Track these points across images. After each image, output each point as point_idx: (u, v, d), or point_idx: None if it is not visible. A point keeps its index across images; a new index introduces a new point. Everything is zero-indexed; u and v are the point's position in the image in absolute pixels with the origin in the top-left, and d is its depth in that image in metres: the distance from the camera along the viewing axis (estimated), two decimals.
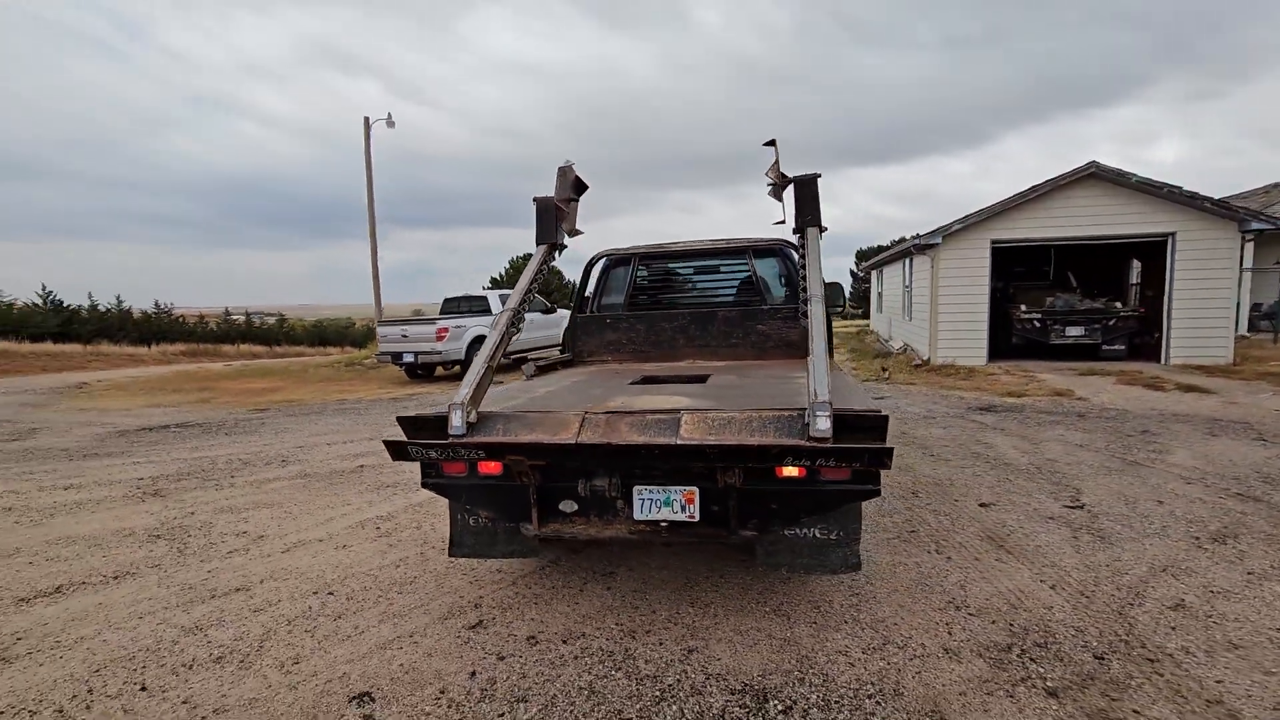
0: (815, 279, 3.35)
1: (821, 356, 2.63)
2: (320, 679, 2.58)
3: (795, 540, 2.91)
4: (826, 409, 2.39)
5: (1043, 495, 4.68)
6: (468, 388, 2.76)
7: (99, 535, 4.33)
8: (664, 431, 2.57)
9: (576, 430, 2.63)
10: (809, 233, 3.63)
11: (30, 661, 2.76)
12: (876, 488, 2.70)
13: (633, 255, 5.76)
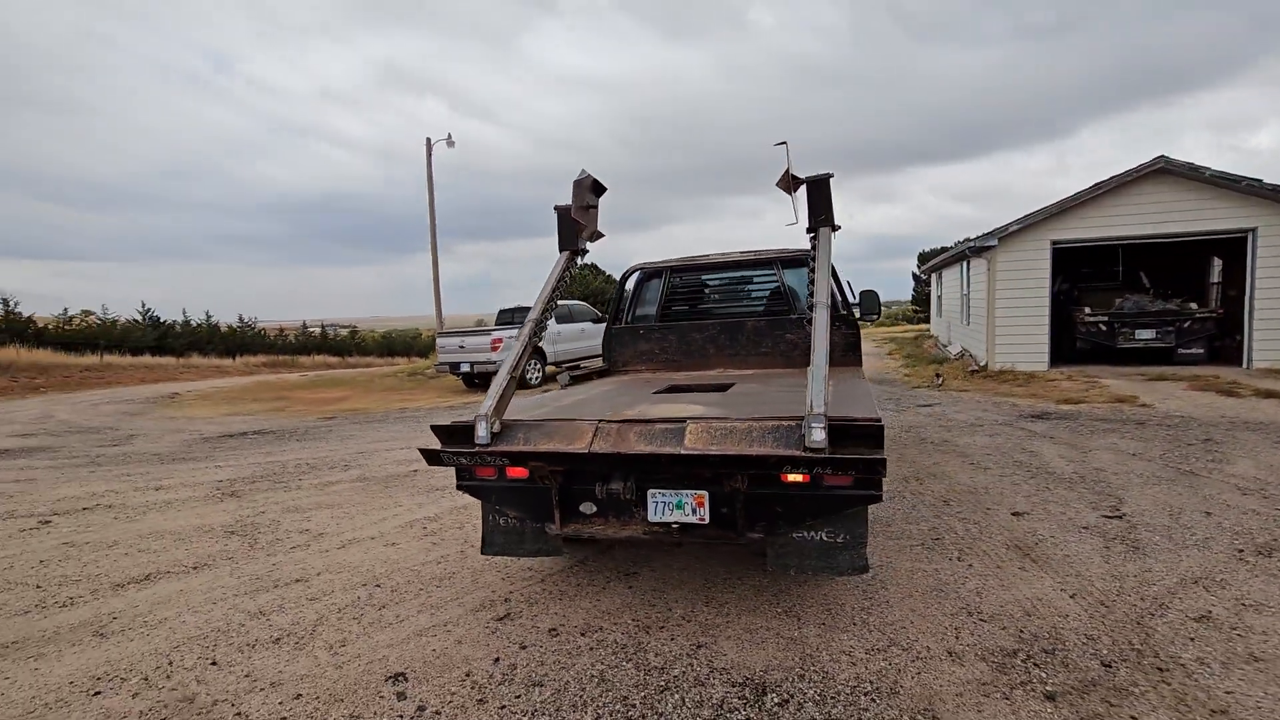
0: (824, 284, 3.36)
1: (821, 366, 2.73)
2: (363, 660, 2.87)
3: (803, 543, 3.01)
4: (821, 420, 2.51)
5: (1081, 505, 4.59)
6: (491, 399, 3.02)
7: (183, 531, 4.83)
8: (670, 441, 2.75)
9: (590, 439, 2.85)
10: (821, 234, 3.66)
11: (123, 638, 3.16)
12: (879, 493, 2.80)
13: (665, 268, 5.96)
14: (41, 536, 4.82)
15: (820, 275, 3.40)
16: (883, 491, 2.81)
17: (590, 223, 3.97)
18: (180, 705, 2.58)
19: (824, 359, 2.78)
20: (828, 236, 3.62)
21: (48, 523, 5.19)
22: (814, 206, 3.67)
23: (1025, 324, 12.02)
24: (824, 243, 3.60)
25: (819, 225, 3.67)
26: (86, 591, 3.74)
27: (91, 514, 5.40)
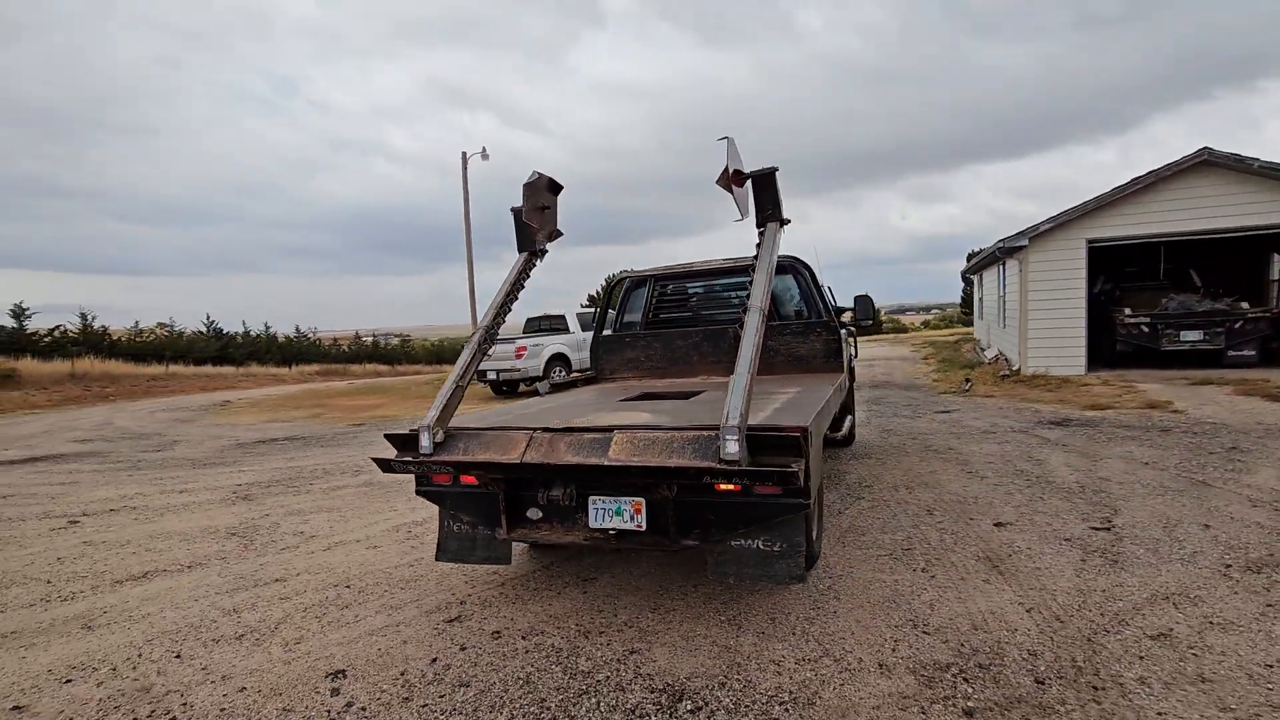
0: (762, 285, 3.22)
1: (743, 375, 2.72)
2: (311, 657, 3.01)
3: (740, 551, 3.02)
4: (735, 432, 2.53)
5: (1072, 516, 4.41)
6: (435, 409, 3.13)
7: (190, 532, 5.13)
8: (595, 452, 2.81)
9: (522, 450, 2.93)
10: (768, 230, 3.49)
11: (106, 631, 3.40)
12: (806, 501, 2.80)
13: (650, 276, 6.02)
14: (66, 536, 5.20)
15: (760, 276, 3.27)
16: (810, 500, 2.81)
17: (546, 223, 3.89)
18: (137, 694, 2.76)
19: (748, 366, 2.77)
20: (775, 233, 3.48)
21: (76, 523, 5.59)
22: (760, 202, 3.50)
23: (1060, 327, 11.56)
24: (769, 240, 3.45)
25: (767, 221, 3.51)
26: (88, 587, 4.02)
27: (116, 515, 5.78)
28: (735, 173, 3.33)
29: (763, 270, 3.30)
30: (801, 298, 5.54)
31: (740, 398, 2.63)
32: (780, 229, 3.53)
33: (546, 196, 3.85)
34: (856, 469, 6.02)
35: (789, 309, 5.68)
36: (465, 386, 3.33)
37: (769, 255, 3.36)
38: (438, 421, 3.11)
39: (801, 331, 5.37)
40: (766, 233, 3.48)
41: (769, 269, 3.31)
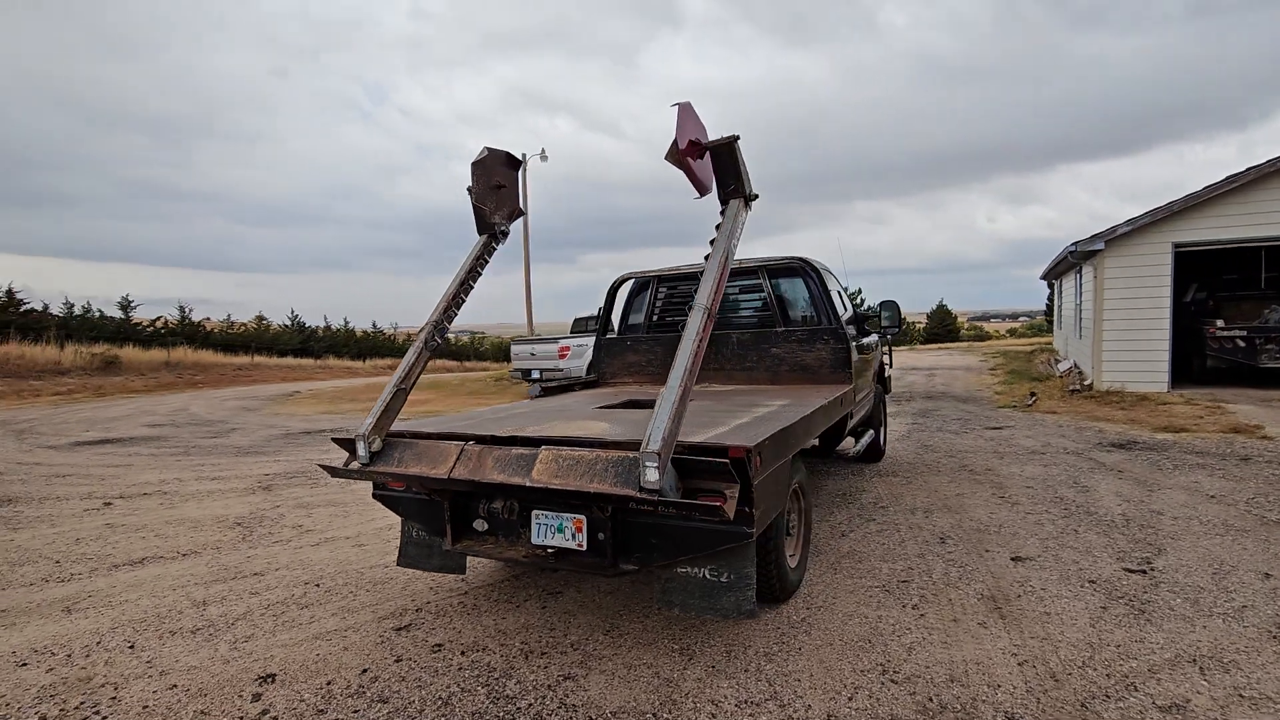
0: (713, 276, 2.83)
1: (673, 390, 2.45)
2: (251, 658, 2.98)
3: (687, 580, 2.79)
4: (655, 459, 2.30)
5: (1106, 554, 3.91)
6: (373, 415, 3.03)
7: (202, 520, 5.30)
8: (519, 471, 2.64)
9: (451, 464, 2.80)
10: (730, 206, 3.09)
11: (81, 616, 3.50)
12: (750, 531, 2.54)
13: (652, 277, 5.81)
14: (94, 518, 5.47)
15: (714, 263, 2.88)
16: (753, 529, 2.55)
17: (504, 202, 3.57)
18: (76, 684, 2.80)
19: (680, 380, 2.48)
20: (738, 209, 3.08)
21: (109, 505, 5.89)
22: (722, 175, 3.10)
23: (1139, 339, 10.53)
24: (731, 216, 3.06)
25: (729, 197, 3.11)
26: (87, 570, 4.18)
27: (146, 499, 6.06)
28: (691, 143, 2.93)
29: (718, 255, 2.91)
30: (810, 303, 5.19)
31: (666, 418, 2.37)
32: (746, 206, 3.12)
33: (502, 173, 3.56)
34: (877, 487, 5.60)
35: (798, 314, 5.34)
36: (408, 390, 3.19)
37: (726, 238, 2.97)
38: (374, 429, 3.01)
39: (807, 339, 5.02)
40: (728, 210, 3.08)
41: (724, 254, 2.91)
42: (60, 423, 12.26)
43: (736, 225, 3.04)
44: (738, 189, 3.09)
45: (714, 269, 2.85)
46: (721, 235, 3.01)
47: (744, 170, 3.07)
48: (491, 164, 3.49)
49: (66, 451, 9.01)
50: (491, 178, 3.50)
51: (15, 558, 4.45)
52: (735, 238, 3.01)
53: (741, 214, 3.09)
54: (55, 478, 7.17)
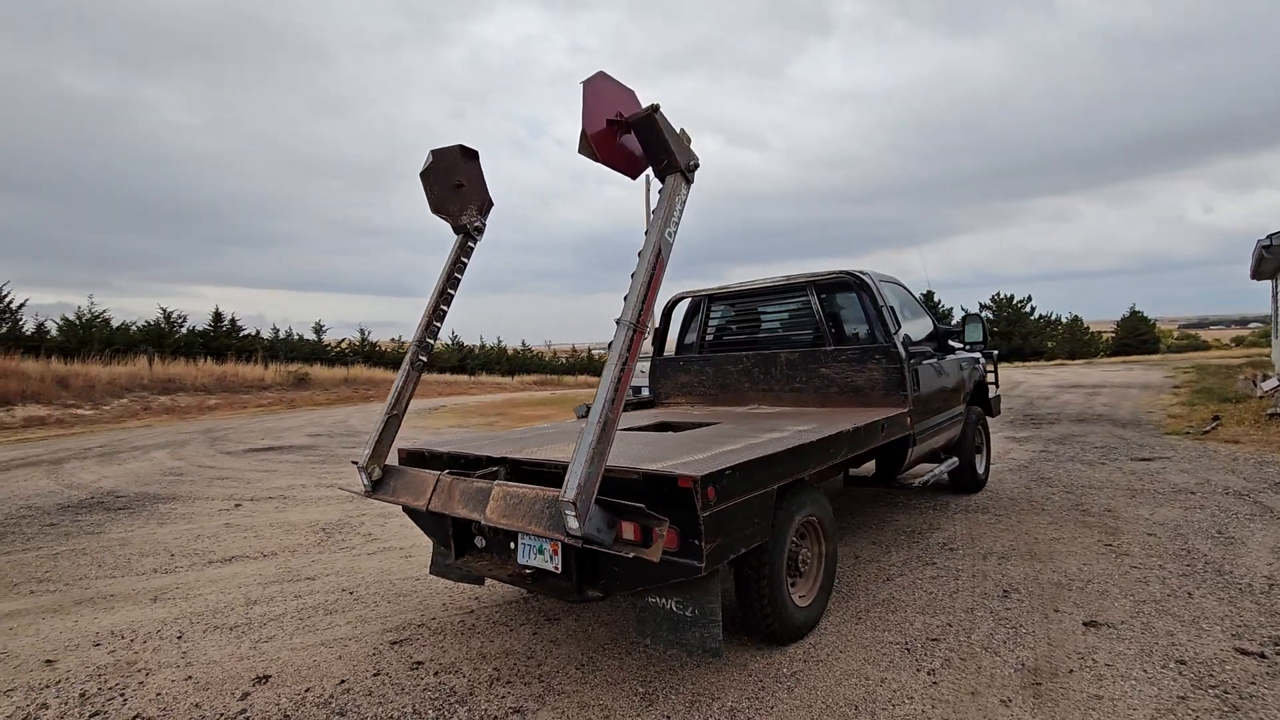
0: (642, 281, 2.47)
1: (592, 427, 2.28)
2: (260, 658, 3.25)
3: (656, 611, 2.73)
4: (572, 509, 2.21)
5: (1219, 628, 3.13)
6: (368, 448, 3.21)
7: (296, 525, 5.91)
8: (478, 506, 2.71)
9: (429, 497, 2.92)
10: (666, 184, 2.67)
11: (160, 605, 4.03)
12: (697, 564, 2.41)
13: (705, 296, 5.65)
14: (221, 517, 6.31)
15: (647, 245, 2.53)
16: (701, 563, 2.37)
17: (469, 200, 3.36)
18: (122, 667, 3.21)
19: (599, 417, 2.28)
20: (675, 185, 2.65)
21: (239, 506, 6.77)
22: (651, 151, 2.67)
23: None
24: (668, 195, 2.64)
25: (664, 173, 2.68)
26: (187, 565, 4.83)
27: (269, 503, 6.89)
28: (609, 123, 2.57)
29: (650, 249, 2.52)
30: (864, 319, 4.73)
31: (582, 463, 2.22)
32: (685, 180, 2.69)
33: (461, 171, 3.33)
34: (956, 525, 4.94)
35: (850, 331, 4.88)
36: (400, 416, 3.31)
37: (663, 222, 2.58)
38: (371, 459, 3.20)
39: (858, 359, 4.57)
40: (664, 188, 2.67)
41: (658, 245, 2.54)
42: (247, 431, 14.34)
43: (675, 204, 2.64)
44: (671, 162, 2.65)
45: (644, 268, 2.50)
46: (656, 219, 2.60)
47: (673, 139, 2.63)
48: (445, 167, 3.27)
49: (237, 456, 10.51)
50: (449, 180, 3.30)
51: (145, 549, 5.25)
52: (674, 220, 2.62)
53: (681, 190, 2.67)
54: (215, 480, 8.38)
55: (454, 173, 3.31)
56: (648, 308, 2.48)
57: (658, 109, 2.58)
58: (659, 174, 2.70)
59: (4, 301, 24.06)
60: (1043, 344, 43.14)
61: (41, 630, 3.68)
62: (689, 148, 2.71)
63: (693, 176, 2.72)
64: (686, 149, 2.70)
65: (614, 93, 2.60)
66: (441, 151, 3.25)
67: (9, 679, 3.12)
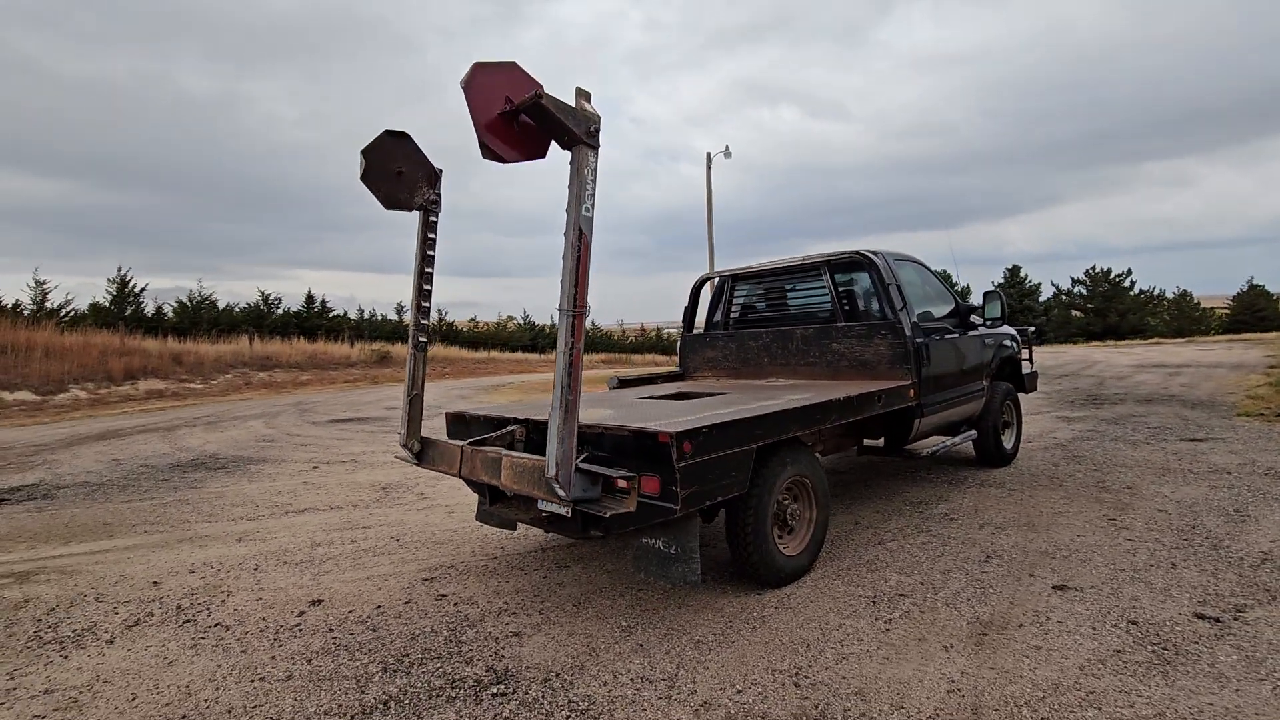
0: (570, 274, 2.56)
1: (556, 412, 2.57)
2: (317, 588, 3.87)
3: (648, 548, 3.21)
4: (556, 483, 2.64)
5: (1187, 595, 3.23)
6: (403, 426, 3.73)
7: (361, 484, 6.65)
8: (495, 474, 3.19)
9: (458, 465, 3.43)
10: (574, 156, 2.59)
11: (243, 545, 4.76)
12: (674, 507, 2.85)
13: (729, 276, 5.92)
14: (300, 477, 7.16)
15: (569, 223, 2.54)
16: (677, 506, 2.84)
17: (413, 180, 3.37)
18: (210, 589, 3.91)
19: (561, 401, 2.55)
20: (583, 156, 2.58)
21: (316, 468, 7.62)
22: (550, 130, 2.62)
23: None
24: (578, 168, 2.58)
25: (568, 145, 2.61)
26: (268, 514, 5.60)
27: (341, 466, 7.72)
28: (501, 117, 2.52)
29: (572, 227, 2.55)
30: (874, 297, 4.90)
31: (555, 445, 2.58)
32: (592, 145, 2.60)
33: (397, 155, 3.30)
34: (964, 497, 5.06)
35: (863, 308, 5.06)
36: (421, 395, 3.74)
37: (579, 196, 2.57)
38: (408, 436, 3.71)
39: (866, 334, 4.76)
40: (573, 161, 2.60)
41: (578, 223, 2.56)
42: (332, 404, 15.64)
43: (586, 177, 2.59)
44: (571, 136, 2.57)
45: (569, 252, 2.56)
46: (572, 195, 2.58)
47: (567, 115, 2.55)
48: (379, 161, 3.26)
49: (321, 426, 11.60)
50: (389, 171, 3.30)
51: (236, 500, 6.09)
52: (589, 193, 2.59)
53: (589, 159, 2.60)
54: (300, 446, 9.37)
55: (390, 162, 3.31)
56: (581, 292, 2.58)
57: (542, 94, 2.51)
58: (564, 148, 2.65)
59: (129, 286, 26.87)
60: (1143, 321, 40.14)
61: (151, 560, 4.47)
62: (588, 108, 2.61)
63: (597, 140, 2.61)
64: (584, 115, 2.59)
65: (494, 81, 2.54)
66: (370, 149, 3.24)
67: (127, 593, 3.87)
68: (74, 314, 24.72)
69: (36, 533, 5.22)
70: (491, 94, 2.55)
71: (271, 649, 3.12)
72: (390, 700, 2.63)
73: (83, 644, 3.25)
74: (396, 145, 3.35)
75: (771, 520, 3.46)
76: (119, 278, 26.87)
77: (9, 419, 13.97)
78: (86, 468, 7.95)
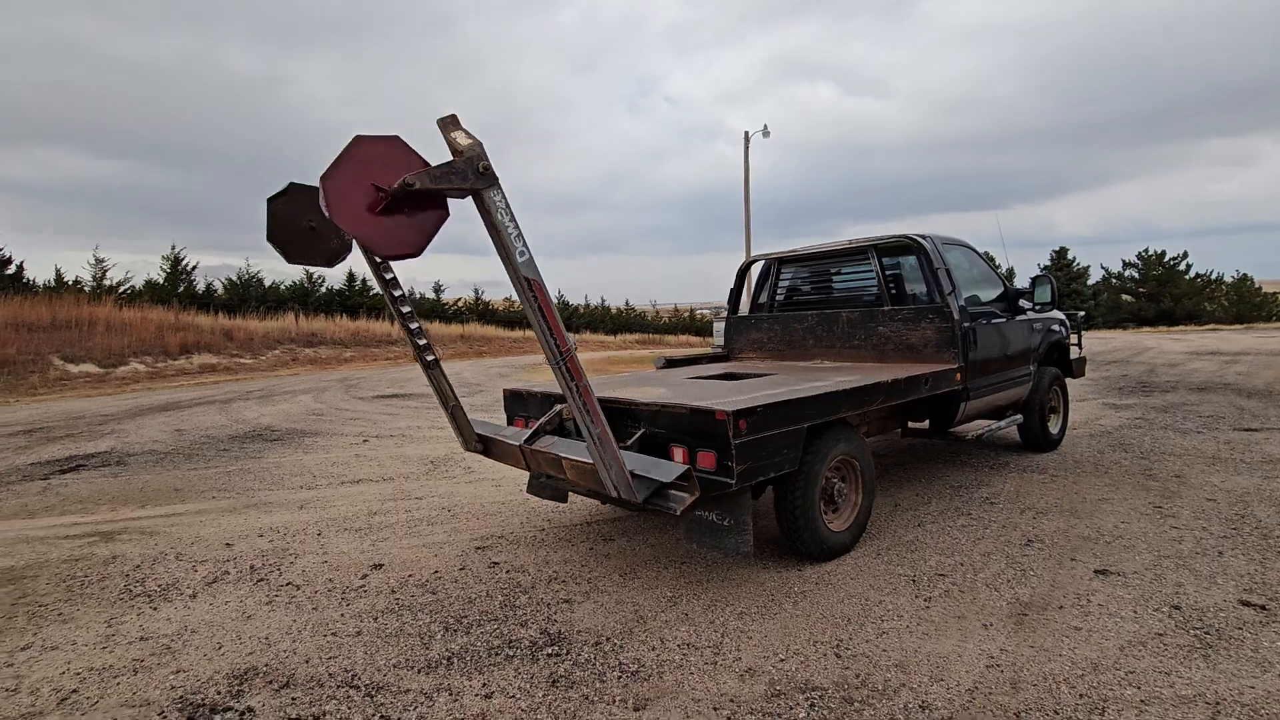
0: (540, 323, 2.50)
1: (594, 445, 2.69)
2: (377, 552, 4.10)
3: (701, 521, 3.34)
4: (625, 490, 2.80)
5: (1234, 583, 3.22)
6: (458, 434, 3.91)
7: (410, 457, 6.92)
8: (559, 471, 3.38)
9: (522, 461, 3.64)
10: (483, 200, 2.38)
11: (304, 511, 5.04)
12: (729, 481, 3.01)
13: (776, 259, 5.96)
14: (352, 449, 7.47)
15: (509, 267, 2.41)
16: (733, 480, 3.00)
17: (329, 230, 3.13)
18: (278, 551, 4.17)
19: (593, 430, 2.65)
20: (492, 200, 2.39)
21: (366, 441, 7.93)
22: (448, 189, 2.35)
23: None
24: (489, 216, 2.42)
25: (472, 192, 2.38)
26: (325, 484, 5.88)
27: (390, 439, 8.02)
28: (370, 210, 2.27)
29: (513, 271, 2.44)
30: (921, 281, 4.90)
31: (605, 471, 2.75)
32: (490, 184, 2.38)
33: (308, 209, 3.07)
34: (1006, 482, 5.06)
35: (910, 292, 5.07)
36: (458, 405, 3.85)
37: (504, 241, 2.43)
38: (465, 443, 3.90)
39: (913, 318, 4.77)
40: (480, 208, 2.43)
41: (517, 265, 2.45)
42: (376, 381, 16.10)
43: (501, 220, 2.43)
44: (463, 190, 2.38)
45: (528, 307, 2.49)
46: (498, 246, 2.45)
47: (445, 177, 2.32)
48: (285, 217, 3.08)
49: (367, 401, 12.00)
50: (299, 226, 3.09)
51: (293, 470, 6.41)
52: (513, 234, 2.44)
53: (494, 199, 2.40)
54: (349, 420, 9.73)
55: (301, 217, 3.09)
56: (559, 336, 2.54)
57: (410, 184, 2.25)
58: (467, 192, 2.40)
59: (181, 264, 27.88)
60: (1199, 306, 38.52)
61: (221, 523, 4.77)
62: (462, 141, 2.39)
63: (492, 174, 2.38)
64: (465, 156, 2.36)
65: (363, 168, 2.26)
66: (274, 205, 3.06)
67: (203, 553, 4.16)
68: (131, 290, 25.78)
69: (115, 496, 5.60)
70: (356, 185, 2.25)
71: (340, 607, 3.34)
72: (453, 656, 2.81)
73: (169, 598, 3.52)
74: (307, 197, 3.06)
75: (819, 496, 3.58)
76: (172, 255, 27.87)
77: (75, 390, 14.76)
78: (152, 437, 8.41)
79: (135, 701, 2.57)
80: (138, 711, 2.50)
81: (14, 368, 15.60)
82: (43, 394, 13.98)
